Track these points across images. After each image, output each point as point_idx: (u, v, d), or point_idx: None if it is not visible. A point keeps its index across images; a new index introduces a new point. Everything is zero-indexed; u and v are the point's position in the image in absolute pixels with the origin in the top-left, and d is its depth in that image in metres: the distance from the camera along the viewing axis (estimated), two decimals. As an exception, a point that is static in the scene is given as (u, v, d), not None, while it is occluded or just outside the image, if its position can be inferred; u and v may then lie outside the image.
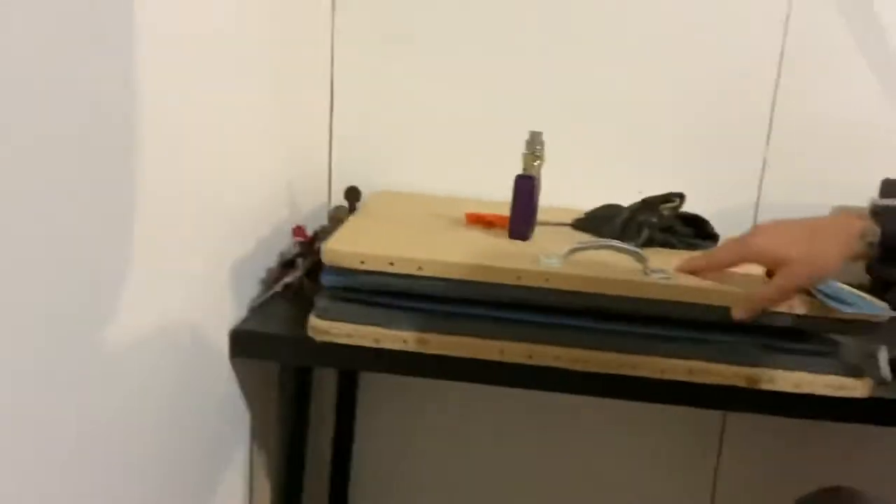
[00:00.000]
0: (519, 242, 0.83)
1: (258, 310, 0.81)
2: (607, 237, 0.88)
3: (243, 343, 0.75)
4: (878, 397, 0.69)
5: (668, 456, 1.25)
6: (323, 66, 1.13)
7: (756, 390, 0.69)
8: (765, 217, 1.15)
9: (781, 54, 1.12)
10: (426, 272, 0.69)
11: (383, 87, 1.14)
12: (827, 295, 0.67)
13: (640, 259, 0.72)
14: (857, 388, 0.68)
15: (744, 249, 0.69)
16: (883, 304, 0.68)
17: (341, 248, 0.71)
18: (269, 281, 0.87)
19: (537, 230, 0.90)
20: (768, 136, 1.15)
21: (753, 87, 1.13)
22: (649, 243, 0.87)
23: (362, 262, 0.69)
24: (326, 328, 0.71)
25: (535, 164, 0.85)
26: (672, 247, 0.88)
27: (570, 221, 0.98)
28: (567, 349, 0.69)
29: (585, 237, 0.92)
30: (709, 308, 0.68)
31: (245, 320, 0.78)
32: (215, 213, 0.74)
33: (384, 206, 0.99)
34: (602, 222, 0.93)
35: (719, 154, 1.15)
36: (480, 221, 0.92)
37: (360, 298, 0.72)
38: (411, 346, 0.70)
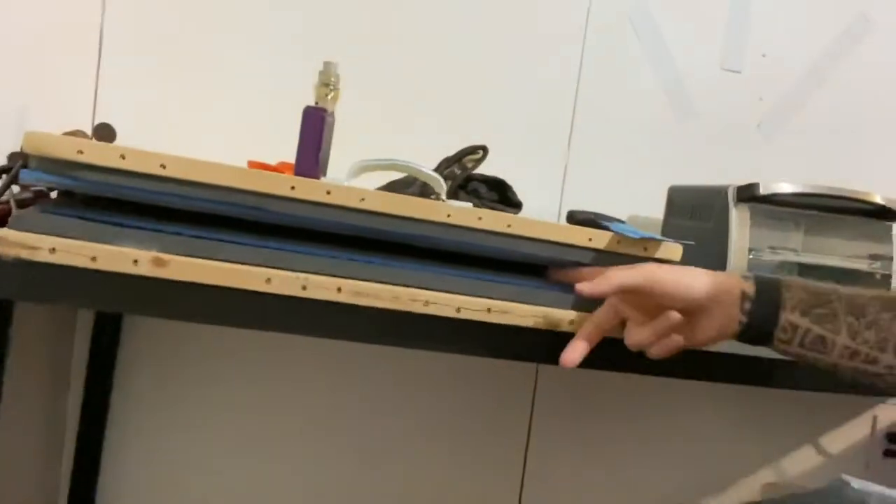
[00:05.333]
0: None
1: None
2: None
3: None
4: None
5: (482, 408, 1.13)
6: None
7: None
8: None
9: (580, 68, 1.16)
10: (171, 172, 0.54)
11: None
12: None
13: (438, 185, 0.63)
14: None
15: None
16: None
17: (51, 133, 0.53)
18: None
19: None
20: (569, 142, 1.16)
21: (556, 99, 1.14)
22: (452, 197, 0.79)
23: (80, 152, 0.52)
24: (20, 240, 0.52)
25: (328, 96, 0.74)
26: (474, 206, 0.81)
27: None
28: (351, 281, 0.57)
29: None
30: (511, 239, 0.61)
31: None
32: None
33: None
34: (401, 185, 0.84)
35: (525, 160, 1.14)
36: (265, 169, 0.78)
37: (73, 207, 0.54)
38: (144, 269, 0.53)
